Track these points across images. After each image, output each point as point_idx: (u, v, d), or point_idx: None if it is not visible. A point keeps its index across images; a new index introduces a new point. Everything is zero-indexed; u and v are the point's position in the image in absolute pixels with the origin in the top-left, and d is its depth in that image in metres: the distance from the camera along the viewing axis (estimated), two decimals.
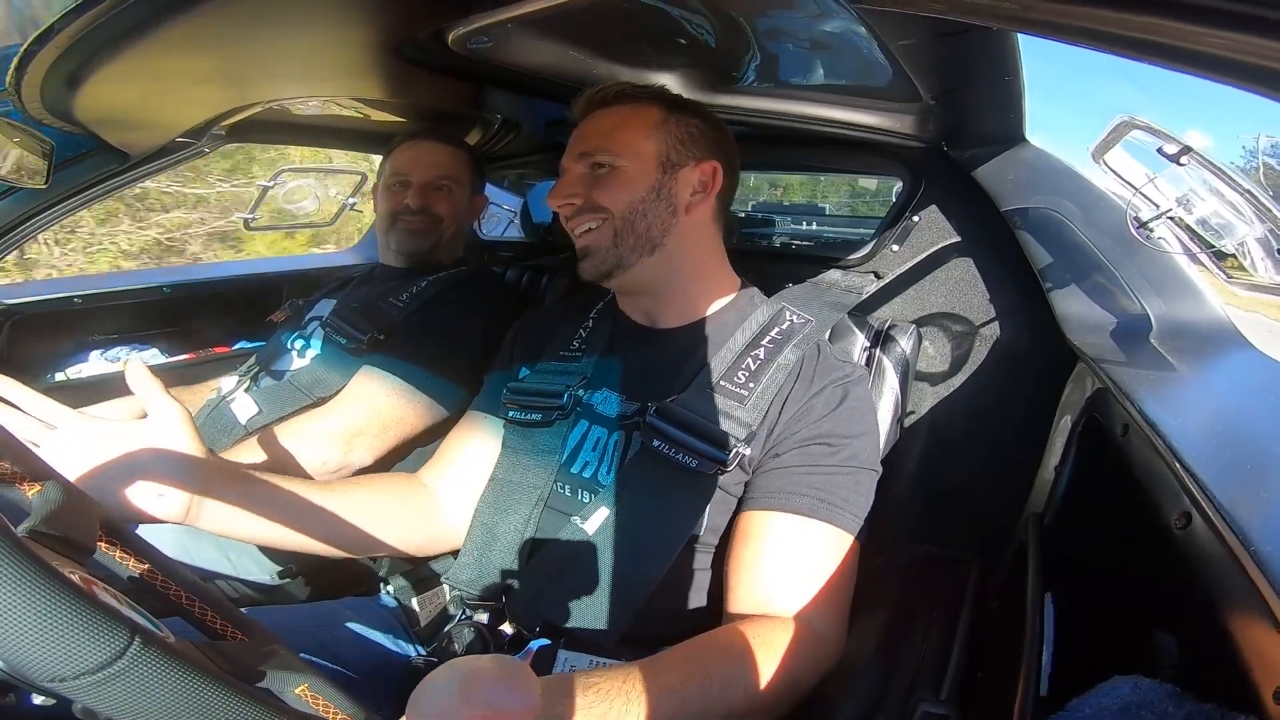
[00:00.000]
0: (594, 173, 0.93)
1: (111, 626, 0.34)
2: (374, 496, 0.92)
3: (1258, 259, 0.83)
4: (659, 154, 0.93)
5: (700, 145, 0.95)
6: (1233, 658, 0.45)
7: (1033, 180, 1.08)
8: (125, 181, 1.38)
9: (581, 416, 0.92)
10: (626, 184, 0.91)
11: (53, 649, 0.33)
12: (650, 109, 0.94)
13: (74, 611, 0.33)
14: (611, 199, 0.91)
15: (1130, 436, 0.71)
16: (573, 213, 0.94)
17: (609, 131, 0.94)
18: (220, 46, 0.89)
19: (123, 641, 0.34)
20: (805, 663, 0.71)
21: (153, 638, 0.36)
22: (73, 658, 0.33)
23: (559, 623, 0.79)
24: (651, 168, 0.92)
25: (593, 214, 0.92)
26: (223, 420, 1.27)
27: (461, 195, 1.46)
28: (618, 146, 0.92)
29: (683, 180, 0.93)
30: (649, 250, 0.93)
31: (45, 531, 0.52)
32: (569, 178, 0.95)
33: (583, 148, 0.94)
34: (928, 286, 1.21)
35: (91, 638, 0.33)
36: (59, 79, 0.87)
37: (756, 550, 0.78)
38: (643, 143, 0.92)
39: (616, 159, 0.92)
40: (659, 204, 0.92)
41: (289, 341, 1.37)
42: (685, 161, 0.94)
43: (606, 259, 0.92)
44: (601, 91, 0.97)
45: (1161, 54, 0.41)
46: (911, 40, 0.79)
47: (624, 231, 0.91)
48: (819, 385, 0.85)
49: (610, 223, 0.91)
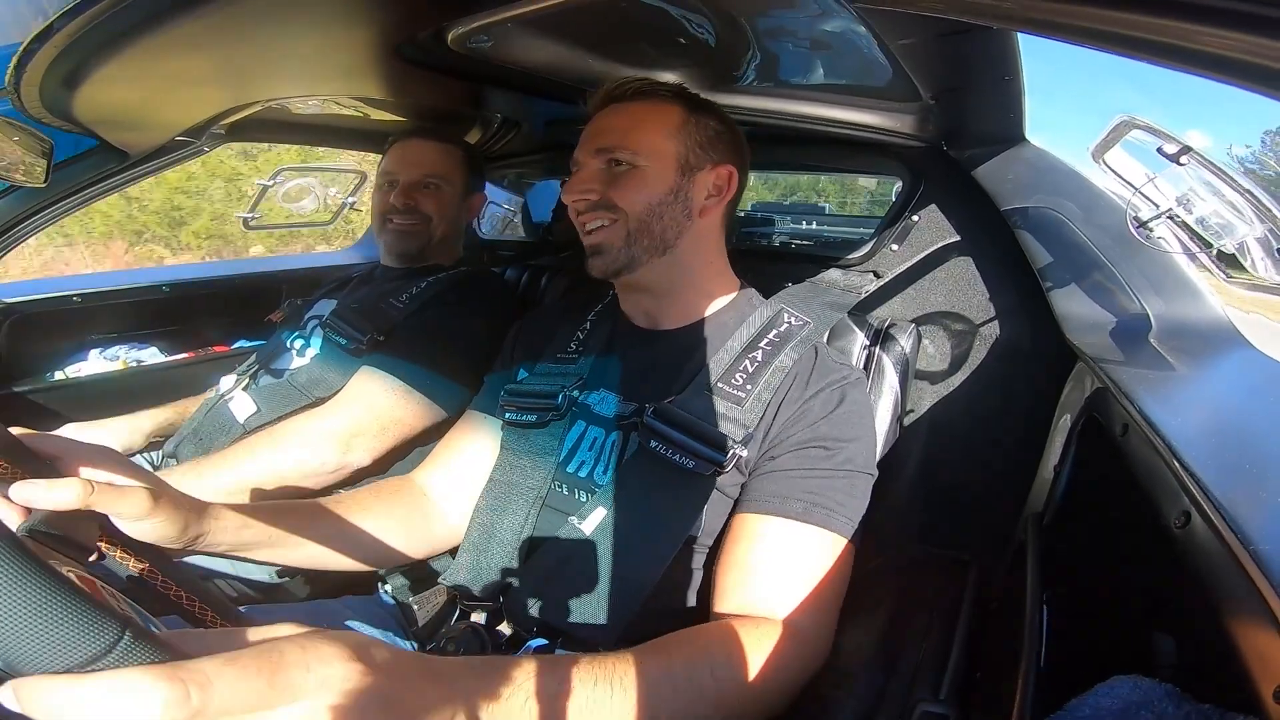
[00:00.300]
0: (611, 170, 0.92)
1: (101, 620, 0.34)
2: (372, 515, 0.91)
3: (1257, 259, 0.83)
4: (679, 156, 0.92)
5: (718, 148, 0.95)
6: (1232, 657, 0.45)
7: (1032, 180, 1.08)
8: (125, 180, 1.38)
9: (578, 417, 0.92)
10: (645, 185, 0.91)
11: (42, 643, 0.32)
12: (672, 108, 0.93)
13: (63, 605, 0.33)
14: (629, 199, 0.90)
15: (1130, 436, 0.71)
16: (586, 208, 0.92)
17: (629, 129, 0.92)
18: (220, 46, 0.89)
19: (113, 635, 0.34)
20: (789, 662, 0.71)
21: (143, 632, 0.35)
22: (62, 652, 0.32)
23: (556, 623, 0.79)
24: (671, 170, 0.91)
25: (606, 212, 0.91)
26: (221, 419, 1.27)
27: (451, 193, 1.44)
28: (638, 145, 0.91)
29: (699, 183, 0.93)
30: (660, 251, 0.92)
31: (46, 531, 0.52)
32: (585, 172, 0.94)
33: (601, 143, 0.93)
34: (927, 286, 1.21)
35: (81, 631, 0.33)
36: (58, 78, 0.87)
37: (748, 552, 0.78)
38: (663, 143, 0.92)
39: (636, 158, 0.91)
40: (675, 206, 0.92)
41: (288, 341, 1.37)
42: (703, 164, 0.93)
43: (618, 258, 0.92)
44: (622, 86, 0.95)
45: (1161, 53, 0.41)
46: (911, 40, 0.78)
47: (638, 232, 0.91)
48: (815, 388, 0.85)
49: (624, 223, 0.91)
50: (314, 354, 1.32)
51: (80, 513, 0.57)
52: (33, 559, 0.33)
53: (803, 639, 0.73)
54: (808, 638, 0.73)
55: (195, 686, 0.35)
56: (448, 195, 1.44)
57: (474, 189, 1.51)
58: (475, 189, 1.52)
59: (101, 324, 1.86)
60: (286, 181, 2.11)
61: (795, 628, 0.73)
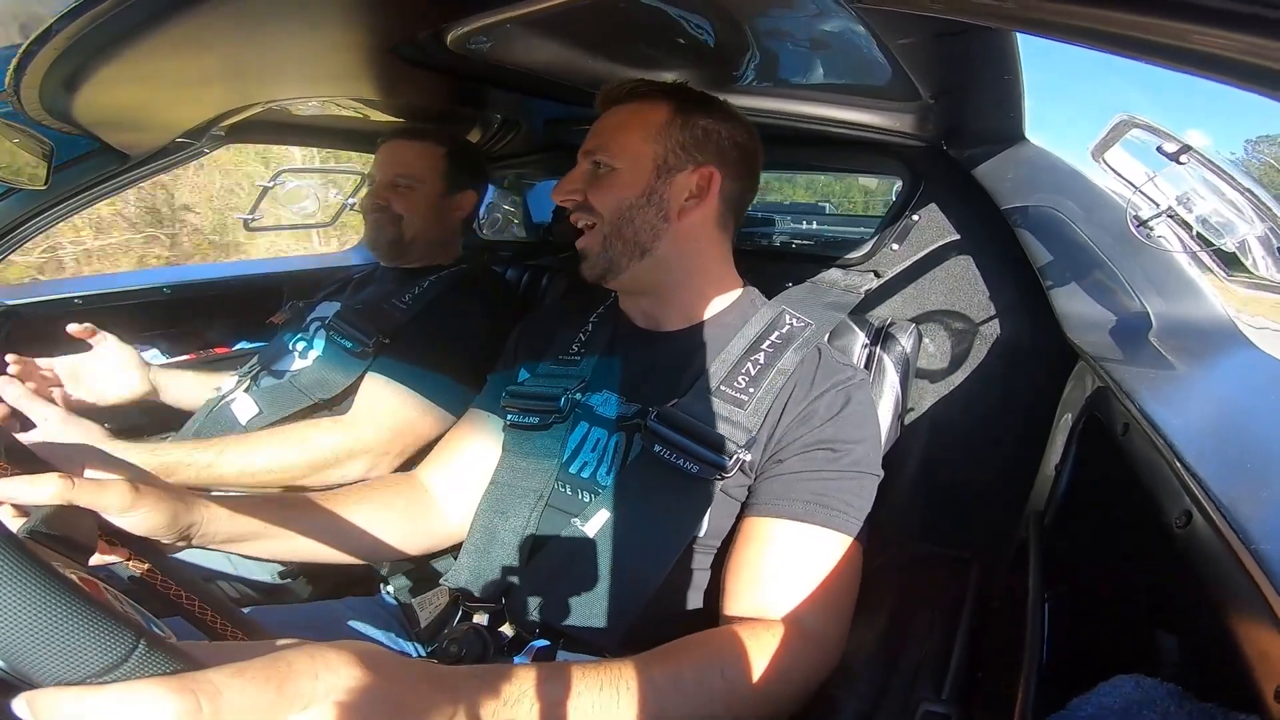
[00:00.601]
0: (595, 171, 0.93)
1: (117, 630, 0.34)
2: (374, 509, 0.92)
3: (1258, 258, 0.83)
4: (655, 157, 0.91)
5: (704, 149, 0.93)
6: (1234, 656, 0.45)
7: (1032, 179, 1.08)
8: (125, 182, 1.38)
9: (581, 419, 0.92)
10: (618, 187, 0.91)
11: (59, 652, 0.33)
12: (658, 109, 0.93)
13: (80, 615, 0.33)
14: (602, 201, 0.91)
15: (1131, 435, 0.71)
16: (573, 208, 0.94)
17: (613, 131, 0.93)
18: (220, 47, 0.89)
19: (128, 644, 0.34)
20: (802, 665, 0.70)
21: (157, 640, 0.36)
22: (80, 661, 0.33)
23: (558, 624, 0.79)
24: (645, 172, 0.91)
25: (586, 214, 0.92)
26: (222, 420, 1.27)
27: (426, 192, 1.42)
28: (616, 147, 0.92)
29: (677, 185, 0.92)
30: (639, 255, 0.92)
31: (45, 532, 0.53)
32: (573, 173, 0.95)
33: (588, 144, 0.94)
34: (927, 285, 1.21)
35: (98, 641, 0.33)
36: (58, 80, 0.87)
37: (758, 555, 0.77)
38: (641, 145, 0.91)
39: (614, 160, 0.91)
40: (648, 209, 0.91)
41: (290, 342, 1.37)
42: (683, 166, 0.92)
43: (599, 263, 0.92)
44: (618, 87, 0.96)
45: (1160, 53, 0.41)
46: (911, 39, 0.78)
47: (612, 236, 0.91)
48: (819, 389, 0.85)
49: (600, 226, 0.91)
50: (316, 355, 1.32)
51: (77, 512, 0.57)
52: (44, 567, 0.34)
53: (815, 641, 0.73)
54: (820, 639, 0.73)
55: (205, 697, 0.35)
56: (422, 194, 1.42)
57: (461, 187, 1.47)
58: (463, 187, 1.48)
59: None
60: (287, 183, 2.11)
61: (807, 630, 0.72)
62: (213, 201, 7.12)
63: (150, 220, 6.68)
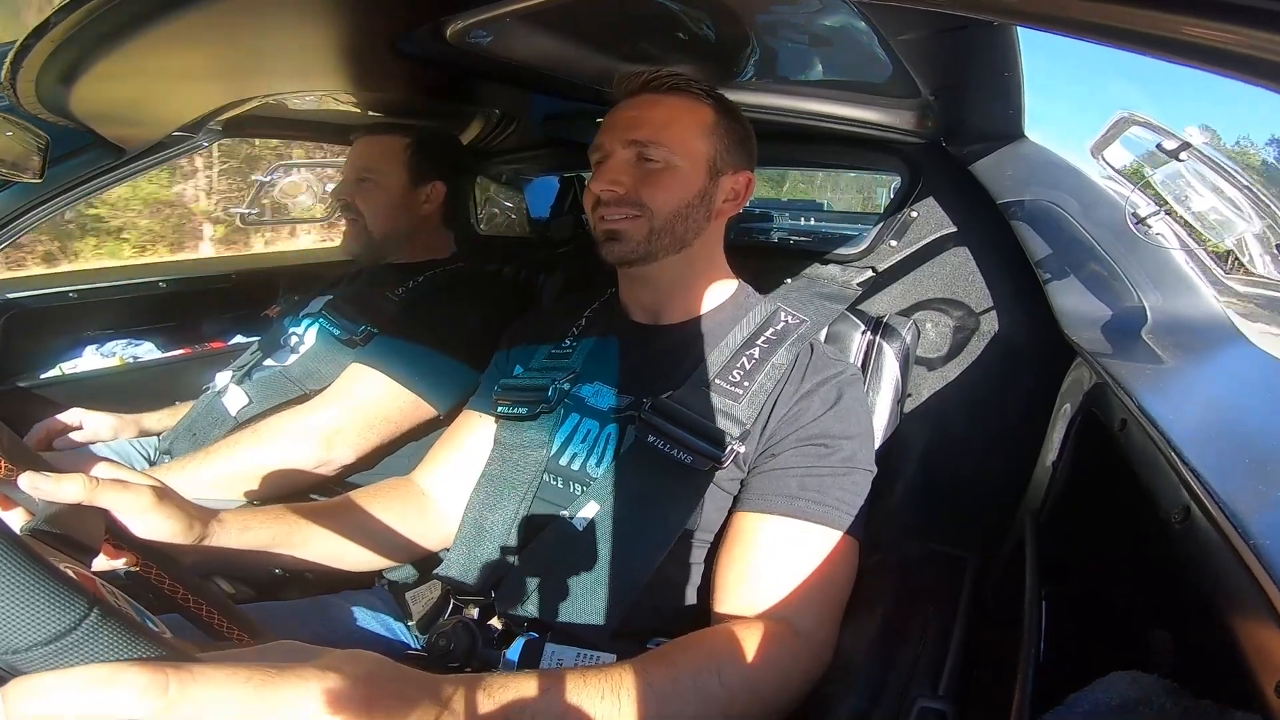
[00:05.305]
0: (643, 165, 0.90)
1: (69, 597, 0.33)
2: (372, 515, 0.92)
3: (1256, 255, 0.83)
4: (709, 158, 0.91)
5: (739, 153, 0.94)
6: (1232, 653, 0.45)
7: (1031, 175, 1.08)
8: (121, 176, 1.37)
9: (571, 410, 0.92)
10: (677, 185, 0.89)
11: (6, 618, 0.32)
12: (705, 108, 0.92)
13: (30, 581, 0.32)
14: (659, 199, 0.89)
15: (1128, 431, 0.71)
16: (613, 199, 0.90)
17: (665, 124, 0.90)
18: (217, 41, 0.88)
19: (79, 612, 0.33)
20: (795, 661, 0.70)
21: (111, 610, 0.35)
22: (27, 628, 0.32)
23: (548, 617, 0.79)
24: (702, 172, 0.91)
25: (631, 208, 0.89)
26: (214, 413, 1.28)
27: (387, 186, 1.39)
28: (674, 143, 0.89)
29: (722, 187, 0.93)
30: (677, 249, 0.92)
31: (48, 530, 0.52)
32: (614, 162, 0.91)
33: (634, 134, 0.90)
34: (925, 281, 1.21)
35: (47, 608, 0.32)
36: (54, 74, 0.86)
37: (750, 551, 0.77)
38: (697, 143, 0.90)
39: (672, 156, 0.89)
40: (700, 209, 0.91)
41: (283, 335, 1.37)
42: (727, 169, 0.93)
43: (636, 250, 0.90)
44: (658, 77, 0.92)
45: (1161, 47, 0.41)
46: (911, 35, 0.78)
47: (662, 231, 0.90)
48: (811, 384, 0.85)
49: (647, 220, 0.89)
50: (309, 347, 1.32)
51: (83, 513, 0.56)
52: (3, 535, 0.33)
53: (808, 637, 0.72)
54: (812, 636, 0.73)
55: (175, 680, 0.35)
56: (383, 188, 1.39)
57: (427, 179, 1.42)
58: (429, 179, 1.43)
59: (98, 320, 1.86)
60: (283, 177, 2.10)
61: (799, 627, 0.72)
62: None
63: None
